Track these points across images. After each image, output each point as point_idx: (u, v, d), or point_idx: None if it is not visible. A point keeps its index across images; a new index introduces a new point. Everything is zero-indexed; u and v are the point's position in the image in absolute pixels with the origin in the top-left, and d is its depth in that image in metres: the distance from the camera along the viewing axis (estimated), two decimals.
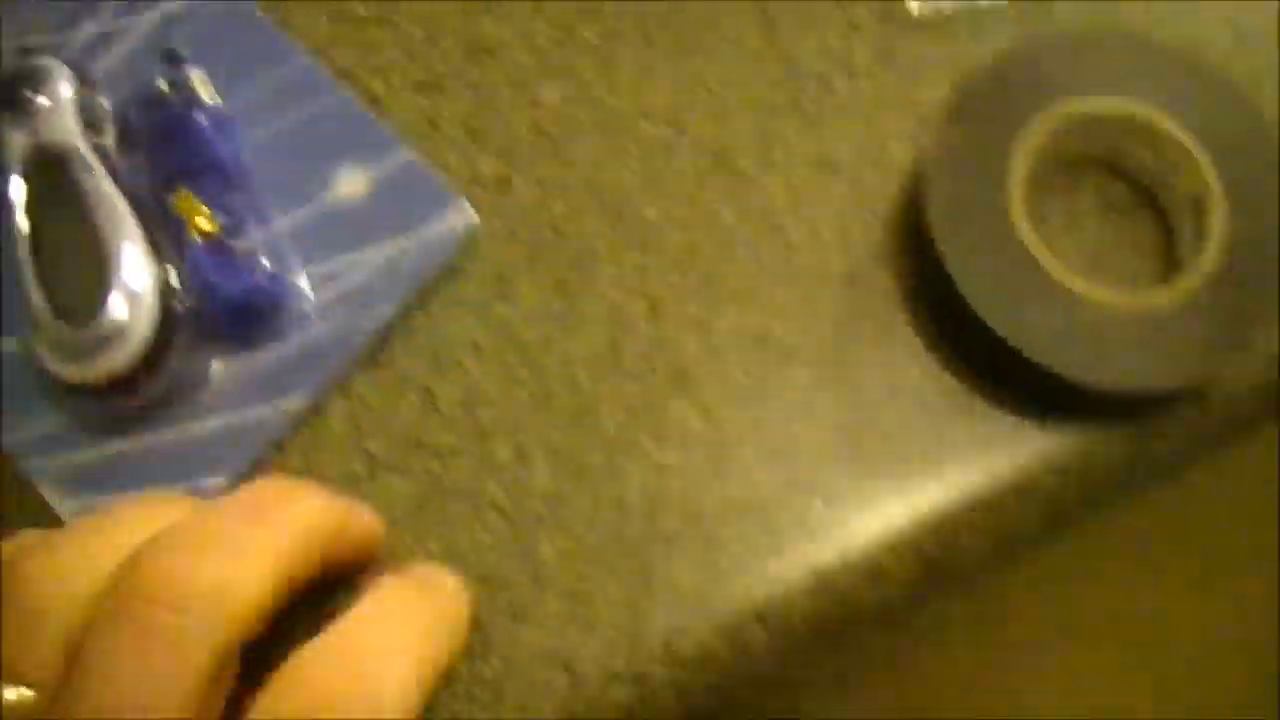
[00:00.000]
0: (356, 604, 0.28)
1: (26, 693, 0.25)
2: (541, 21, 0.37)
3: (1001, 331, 0.33)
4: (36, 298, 0.32)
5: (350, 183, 0.35)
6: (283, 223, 0.35)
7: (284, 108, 0.36)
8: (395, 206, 0.35)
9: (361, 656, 0.27)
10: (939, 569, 0.34)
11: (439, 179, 0.35)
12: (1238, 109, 0.36)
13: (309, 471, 0.33)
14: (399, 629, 0.28)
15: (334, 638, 0.27)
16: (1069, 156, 0.36)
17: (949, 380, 0.35)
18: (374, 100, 0.36)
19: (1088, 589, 0.95)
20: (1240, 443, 0.37)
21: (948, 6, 0.37)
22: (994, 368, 0.34)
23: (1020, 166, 0.34)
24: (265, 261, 0.34)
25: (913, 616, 0.35)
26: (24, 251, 0.32)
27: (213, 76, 0.36)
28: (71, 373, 0.32)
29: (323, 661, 0.26)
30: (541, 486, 0.33)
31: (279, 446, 0.33)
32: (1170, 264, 0.36)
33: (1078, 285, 0.34)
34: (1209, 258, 0.34)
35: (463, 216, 0.35)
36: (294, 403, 0.33)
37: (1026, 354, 0.33)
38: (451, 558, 0.33)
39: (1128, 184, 0.37)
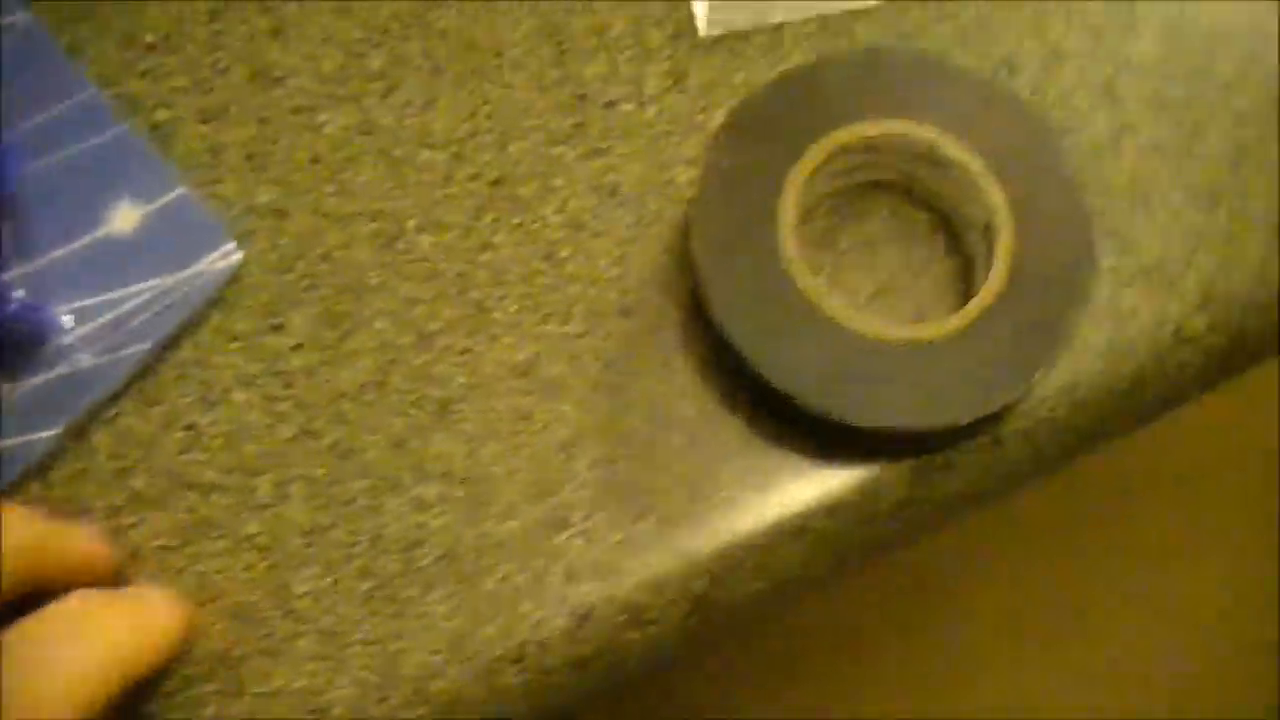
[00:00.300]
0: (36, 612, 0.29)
1: None
2: (330, 49, 0.36)
3: (765, 371, 0.32)
4: None
5: (123, 216, 0.35)
6: (51, 255, 0.34)
7: (64, 139, 0.35)
8: (164, 241, 0.34)
9: (24, 657, 0.28)
10: (709, 610, 0.33)
11: (209, 214, 0.35)
12: (1029, 130, 0.34)
13: (72, 503, 0.33)
14: (76, 634, 0.29)
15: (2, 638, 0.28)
16: (858, 182, 0.35)
17: (725, 417, 0.34)
18: (156, 128, 0.36)
19: (1022, 586, 0.95)
20: (1038, 480, 0.35)
21: (740, 22, 0.36)
22: (768, 405, 0.33)
23: (792, 194, 0.33)
24: (21, 292, 0.34)
25: (689, 658, 0.34)
26: None
27: None
28: None
29: None
30: (300, 522, 0.33)
31: (44, 479, 0.33)
32: (969, 293, 0.34)
33: (851, 320, 0.32)
34: (992, 288, 0.33)
35: (228, 254, 0.34)
36: (51, 434, 0.33)
37: (790, 393, 0.32)
38: (207, 593, 0.32)
39: (924, 210, 0.35)
